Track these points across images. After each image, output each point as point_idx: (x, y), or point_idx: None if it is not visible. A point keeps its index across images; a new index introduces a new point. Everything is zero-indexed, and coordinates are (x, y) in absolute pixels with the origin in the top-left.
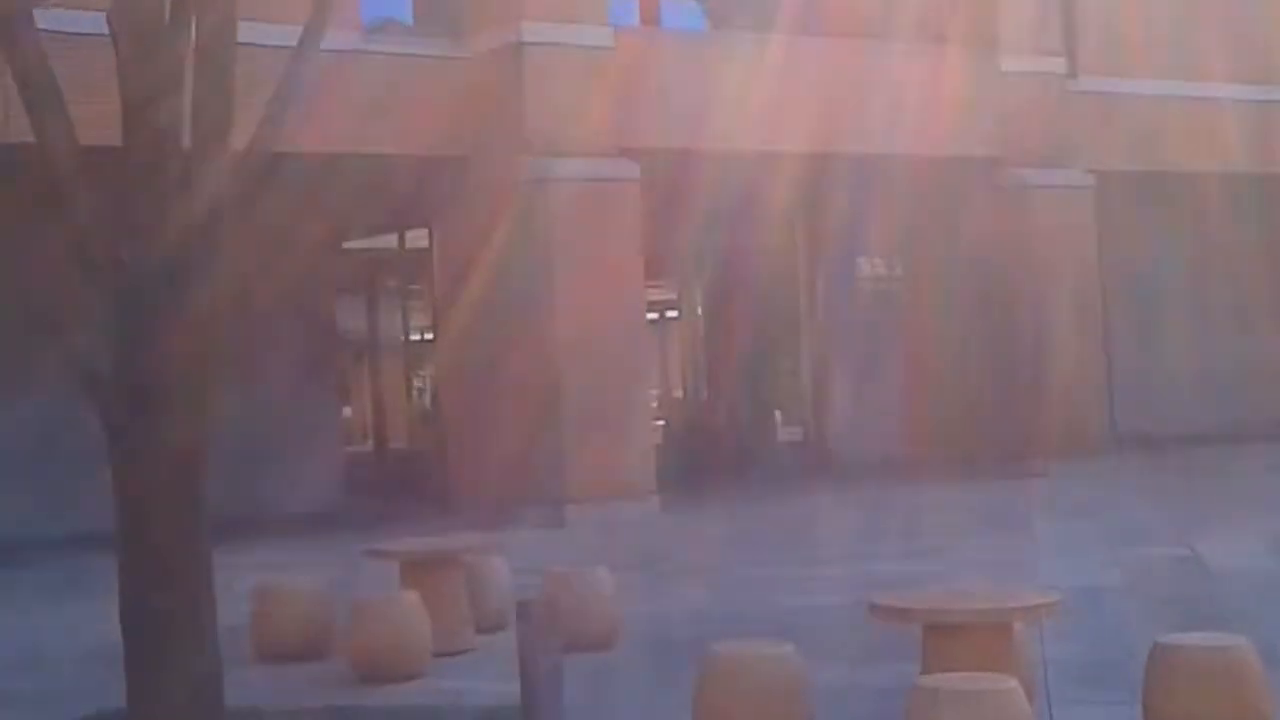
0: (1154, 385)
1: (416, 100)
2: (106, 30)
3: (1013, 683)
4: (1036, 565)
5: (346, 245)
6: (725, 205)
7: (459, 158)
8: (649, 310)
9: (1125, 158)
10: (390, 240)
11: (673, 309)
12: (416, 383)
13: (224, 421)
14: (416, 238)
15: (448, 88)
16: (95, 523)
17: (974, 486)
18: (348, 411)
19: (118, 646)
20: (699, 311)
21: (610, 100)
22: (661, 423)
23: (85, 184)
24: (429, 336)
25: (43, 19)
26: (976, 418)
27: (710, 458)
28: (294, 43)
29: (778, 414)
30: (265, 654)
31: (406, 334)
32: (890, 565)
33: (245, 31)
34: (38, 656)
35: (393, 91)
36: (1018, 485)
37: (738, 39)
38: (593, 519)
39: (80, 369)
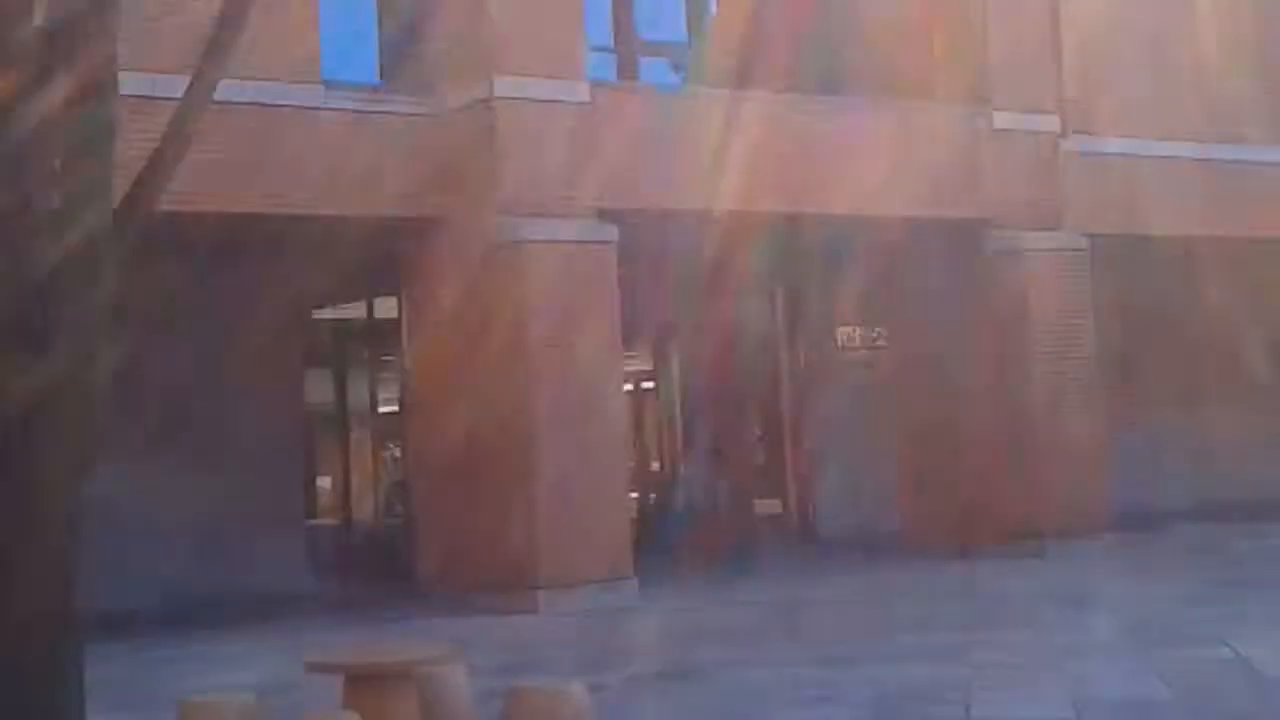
0: (1145, 459)
1: (383, 160)
2: None
3: None
4: (1063, 670)
5: (316, 315)
6: (703, 271)
7: (429, 220)
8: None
9: (1118, 221)
10: (360, 309)
11: (649, 379)
12: (385, 457)
13: (180, 498)
14: (388, 306)
15: (416, 146)
16: None
17: (971, 568)
18: (324, 483)
19: None
20: (675, 382)
21: (587, 159)
22: (635, 495)
23: None
24: (397, 410)
25: None
26: (965, 493)
27: (686, 533)
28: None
29: (752, 486)
30: None
31: (375, 407)
32: (905, 669)
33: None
34: None
35: (358, 150)
36: (1017, 567)
37: (719, 96)
38: (568, 605)
39: None
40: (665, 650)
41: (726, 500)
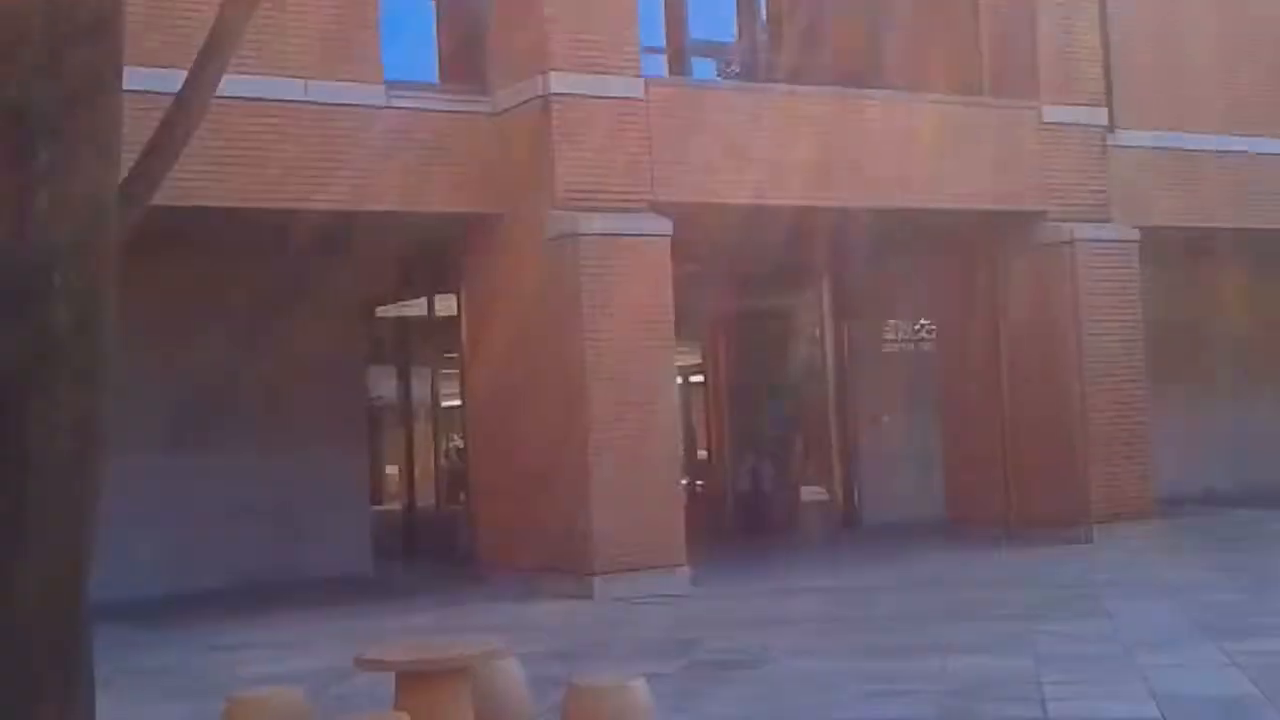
0: (1187, 444)
1: (442, 157)
2: None
3: None
4: (1135, 662)
5: (379, 312)
6: (752, 263)
7: (488, 215)
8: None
9: (1164, 213)
10: (421, 306)
11: (698, 370)
12: (448, 448)
13: (248, 486)
14: (449, 303)
15: (474, 143)
16: None
17: (1021, 554)
18: (389, 472)
19: None
20: (723, 372)
21: (641, 154)
22: (684, 482)
23: None
24: (458, 402)
25: None
26: (1012, 479)
27: (734, 519)
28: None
29: (798, 473)
30: None
31: (436, 400)
32: (969, 660)
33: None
34: None
35: (418, 148)
36: (1066, 553)
37: (771, 91)
38: (622, 591)
39: None
40: (722, 638)
41: (773, 487)
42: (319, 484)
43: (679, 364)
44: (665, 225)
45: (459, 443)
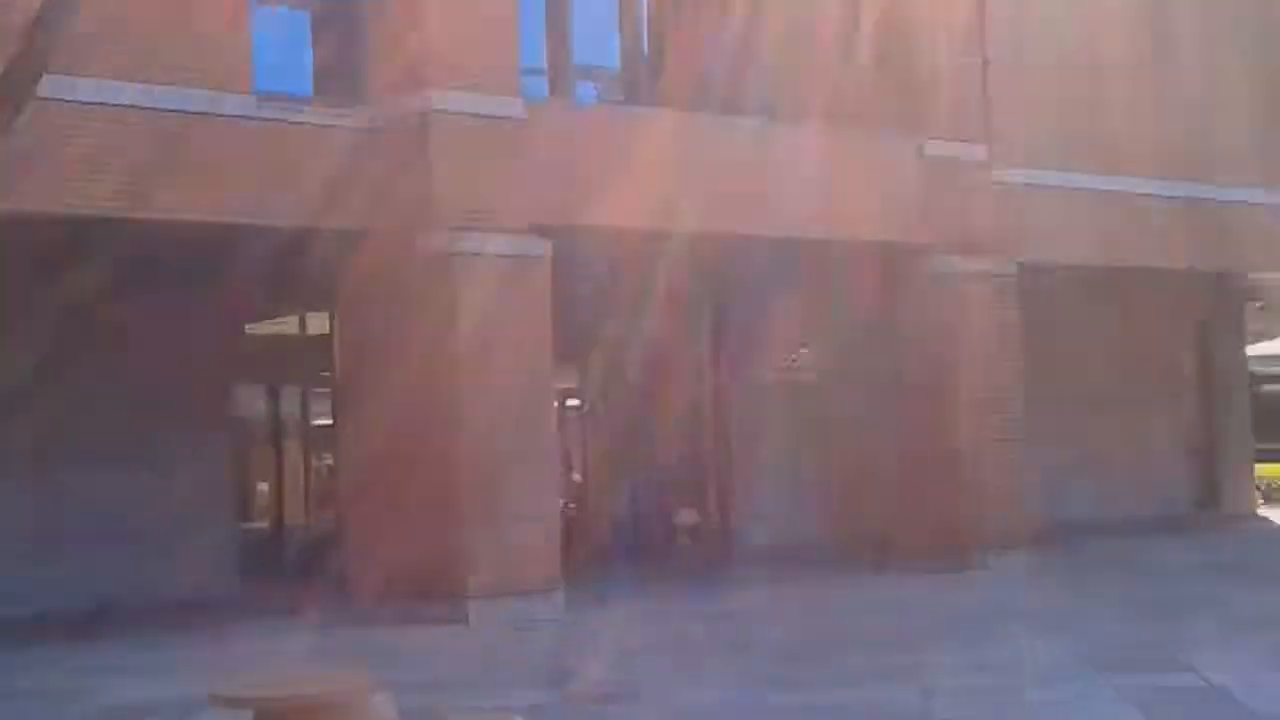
0: (1046, 475)
1: (315, 172)
2: None
3: None
4: (1030, 697)
5: (249, 329)
6: (632, 287)
7: (361, 233)
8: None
9: (1039, 249)
10: (293, 324)
11: (575, 394)
12: (318, 467)
13: (109, 504)
14: (321, 321)
15: (350, 159)
16: None
17: (901, 583)
18: (257, 492)
19: None
20: (600, 396)
21: (520, 174)
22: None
23: None
24: (330, 421)
25: None
26: (887, 507)
27: (608, 542)
28: None
29: (673, 497)
30: None
31: (307, 418)
32: (870, 693)
33: None
34: None
35: (290, 162)
36: (948, 582)
37: (654, 116)
38: (495, 616)
39: None
40: (603, 667)
41: (648, 510)
42: (183, 502)
43: (558, 385)
44: (544, 247)
45: (330, 461)
